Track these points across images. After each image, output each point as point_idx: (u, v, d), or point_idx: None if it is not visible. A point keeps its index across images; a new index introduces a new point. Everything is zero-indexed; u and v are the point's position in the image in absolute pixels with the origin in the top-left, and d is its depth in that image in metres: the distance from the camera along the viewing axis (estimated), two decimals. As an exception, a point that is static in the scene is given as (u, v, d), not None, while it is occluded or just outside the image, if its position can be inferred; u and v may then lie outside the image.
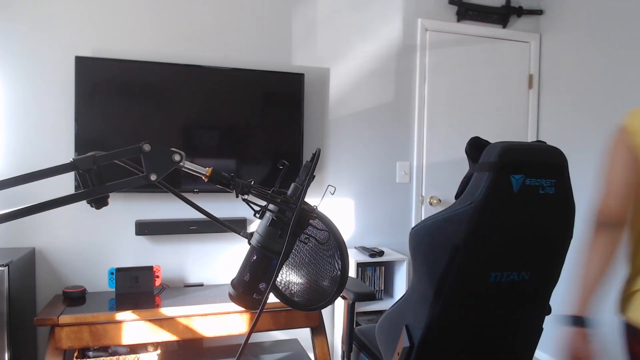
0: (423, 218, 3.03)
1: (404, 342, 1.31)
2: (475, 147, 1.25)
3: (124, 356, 2.17)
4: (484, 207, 1.17)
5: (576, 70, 2.92)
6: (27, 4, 2.34)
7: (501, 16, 3.13)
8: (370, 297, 1.73)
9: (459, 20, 3.06)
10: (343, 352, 1.79)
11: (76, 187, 2.35)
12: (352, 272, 2.63)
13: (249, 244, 0.81)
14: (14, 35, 2.33)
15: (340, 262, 0.87)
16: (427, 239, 1.25)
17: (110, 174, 2.28)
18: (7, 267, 1.99)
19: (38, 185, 2.35)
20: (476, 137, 1.27)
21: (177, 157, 0.75)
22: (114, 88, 2.39)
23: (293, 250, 0.86)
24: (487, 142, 1.26)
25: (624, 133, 1.23)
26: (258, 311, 0.75)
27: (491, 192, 1.17)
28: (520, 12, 3.16)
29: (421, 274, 1.28)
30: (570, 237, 1.29)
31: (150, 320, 2.16)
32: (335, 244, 0.87)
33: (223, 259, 2.68)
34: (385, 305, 2.69)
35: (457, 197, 1.29)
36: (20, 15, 2.34)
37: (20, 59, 2.34)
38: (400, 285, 2.75)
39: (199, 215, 2.58)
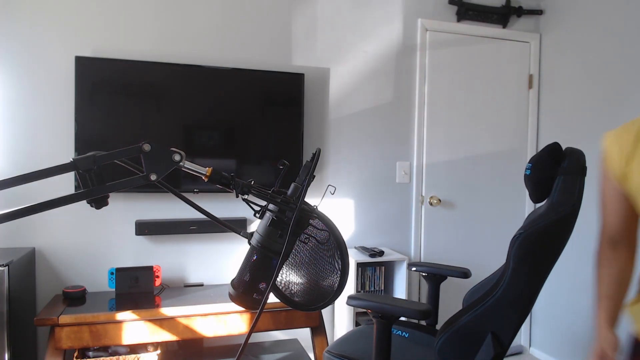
0: (423, 218, 3.03)
1: (494, 349, 1.35)
2: (558, 151, 1.38)
3: (124, 356, 2.17)
4: (578, 206, 1.35)
5: (576, 70, 2.92)
6: (27, 4, 2.34)
7: (501, 16, 3.13)
8: (429, 314, 1.47)
9: (459, 20, 3.06)
10: None
11: (76, 187, 2.34)
12: (352, 272, 2.64)
13: (249, 244, 0.81)
14: (14, 35, 2.33)
15: (340, 262, 0.87)
16: (540, 243, 1.35)
17: (110, 174, 2.28)
18: (7, 267, 1.99)
19: (38, 185, 2.35)
20: (556, 142, 1.38)
21: (177, 157, 0.75)
22: (114, 88, 2.39)
23: (293, 250, 0.86)
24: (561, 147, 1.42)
25: (604, 161, 1.20)
26: (258, 311, 0.74)
27: (582, 192, 1.35)
28: (520, 12, 3.16)
29: (529, 276, 1.37)
30: None
31: (150, 320, 2.16)
32: (335, 244, 0.87)
33: (223, 259, 2.68)
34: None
35: (539, 198, 1.41)
36: (21, 15, 2.34)
37: (21, 59, 2.34)
38: (400, 285, 2.74)
39: (199, 215, 2.58)
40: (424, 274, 2.09)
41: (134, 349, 2.25)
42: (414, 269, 2.11)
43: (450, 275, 2.01)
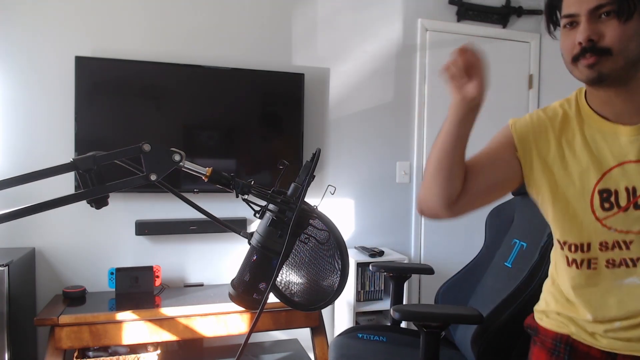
0: (424, 218, 3.02)
1: None
2: None
3: (124, 356, 2.17)
4: None
5: (576, 70, 2.92)
6: (27, 4, 2.34)
7: (501, 16, 3.13)
8: (482, 318, 1.40)
9: (459, 20, 3.06)
10: None
11: (76, 187, 2.34)
12: (352, 272, 2.64)
13: (249, 244, 0.81)
14: (14, 35, 2.33)
15: (340, 262, 0.87)
16: None
17: (110, 174, 2.27)
18: (7, 267, 1.99)
19: (38, 185, 2.34)
20: None
21: (177, 157, 0.75)
22: (114, 88, 2.39)
23: (293, 250, 0.86)
24: None
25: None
26: (258, 311, 0.74)
27: None
28: (520, 12, 3.16)
29: None
30: None
31: (150, 320, 2.16)
32: (335, 244, 0.87)
33: (223, 259, 2.68)
34: (385, 305, 2.68)
35: None
36: (20, 15, 2.34)
37: (20, 59, 2.34)
38: (400, 285, 2.74)
39: (199, 215, 2.57)
40: (388, 273, 2.08)
41: (134, 349, 2.25)
42: (374, 269, 2.10)
43: (415, 273, 1.99)
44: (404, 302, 2.71)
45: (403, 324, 2.76)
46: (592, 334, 1.01)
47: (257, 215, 0.81)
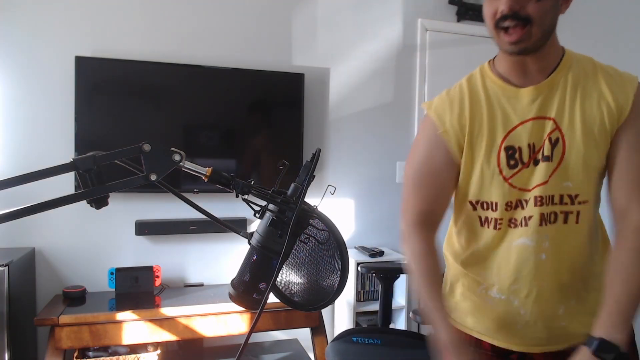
0: (423, 218, 3.02)
1: None
2: None
3: (124, 356, 2.17)
4: None
5: (576, 70, 2.92)
6: (27, 4, 2.34)
7: (501, 16, 3.13)
8: None
9: (459, 20, 3.06)
10: None
11: (76, 187, 2.34)
12: (352, 272, 2.64)
13: (249, 244, 0.81)
14: (14, 35, 2.33)
15: (340, 262, 0.87)
16: None
17: (110, 174, 2.28)
18: (7, 267, 1.99)
19: (38, 185, 2.35)
20: None
21: (177, 157, 0.75)
22: (114, 88, 2.39)
23: (293, 250, 0.86)
24: None
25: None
26: (258, 311, 0.75)
27: None
28: (520, 12, 3.16)
29: None
30: None
31: (150, 320, 2.16)
32: (335, 244, 0.87)
33: (223, 259, 2.68)
34: (385, 305, 2.68)
35: None
36: (21, 15, 2.34)
37: (21, 59, 2.34)
38: (400, 285, 2.74)
39: (199, 215, 2.57)
40: (377, 274, 2.08)
41: (134, 349, 2.25)
42: (364, 270, 2.08)
43: (403, 273, 1.99)
44: (404, 304, 2.72)
45: (402, 325, 2.76)
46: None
47: (257, 215, 0.81)
